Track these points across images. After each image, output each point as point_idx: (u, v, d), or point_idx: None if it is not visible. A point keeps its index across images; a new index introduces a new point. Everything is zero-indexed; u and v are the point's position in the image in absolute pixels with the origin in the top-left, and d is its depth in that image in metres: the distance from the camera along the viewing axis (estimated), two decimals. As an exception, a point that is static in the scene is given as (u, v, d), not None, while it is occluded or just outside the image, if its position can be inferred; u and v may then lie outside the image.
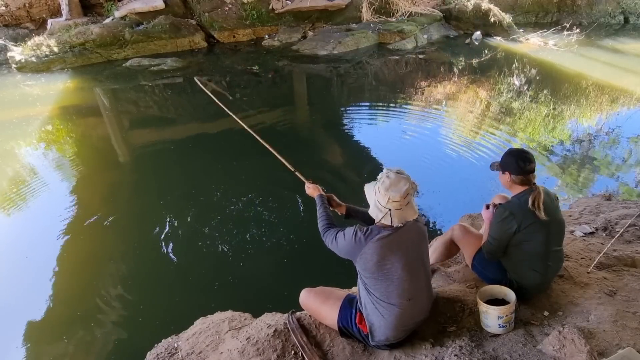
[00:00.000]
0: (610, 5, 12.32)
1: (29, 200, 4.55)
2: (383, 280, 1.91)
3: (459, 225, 2.56)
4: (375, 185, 1.93)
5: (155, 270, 3.61)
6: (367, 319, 1.99)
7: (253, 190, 4.69)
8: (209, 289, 3.33)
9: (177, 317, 2.96)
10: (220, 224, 4.15)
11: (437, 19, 11.53)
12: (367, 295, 1.97)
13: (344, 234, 1.98)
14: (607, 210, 3.51)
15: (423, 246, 2.03)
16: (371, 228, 1.93)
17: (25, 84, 8.44)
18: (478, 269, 2.42)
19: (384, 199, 1.87)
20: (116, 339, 2.99)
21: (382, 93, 8.11)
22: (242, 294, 3.29)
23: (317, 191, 2.47)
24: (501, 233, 2.19)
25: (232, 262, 3.59)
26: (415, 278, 1.96)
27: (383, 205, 1.88)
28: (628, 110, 6.78)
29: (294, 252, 3.63)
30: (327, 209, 2.32)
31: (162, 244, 3.88)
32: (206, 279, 3.46)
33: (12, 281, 3.51)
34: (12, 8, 10.63)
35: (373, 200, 1.93)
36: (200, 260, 3.66)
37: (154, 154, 5.60)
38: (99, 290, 3.37)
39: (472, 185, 4.62)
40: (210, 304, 3.00)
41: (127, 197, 4.66)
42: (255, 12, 10.99)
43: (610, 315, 2.09)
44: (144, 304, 3.25)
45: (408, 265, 1.92)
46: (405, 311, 1.94)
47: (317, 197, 2.42)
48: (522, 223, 2.13)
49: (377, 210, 1.91)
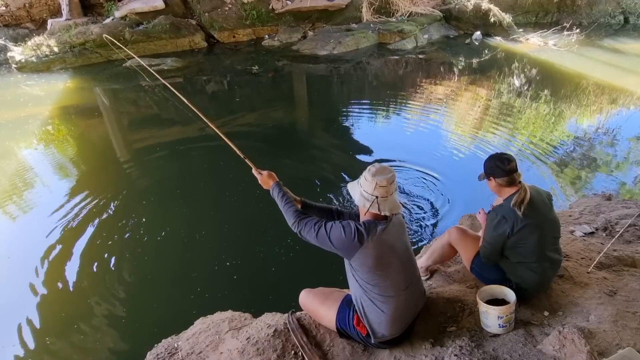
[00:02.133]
0: (610, 5, 12.32)
1: (29, 200, 4.55)
2: (381, 273, 1.91)
3: (455, 228, 2.55)
4: (361, 176, 1.97)
5: (155, 270, 3.61)
6: (366, 317, 1.98)
7: (253, 190, 4.68)
8: (209, 289, 3.33)
9: (177, 317, 2.96)
10: (221, 223, 4.15)
11: (437, 19, 11.53)
12: (363, 293, 1.96)
13: (342, 230, 1.89)
14: (607, 210, 3.51)
15: (406, 234, 2.10)
16: (367, 223, 1.91)
17: (25, 84, 8.44)
18: (477, 272, 2.42)
19: (371, 185, 1.89)
20: (116, 338, 2.99)
21: (382, 93, 8.11)
22: (242, 294, 3.29)
23: (272, 179, 2.29)
24: (495, 237, 2.20)
25: (232, 262, 3.59)
26: (408, 266, 2.03)
27: (370, 193, 1.90)
28: (628, 110, 6.78)
29: (294, 252, 3.63)
30: (290, 198, 2.17)
31: (162, 244, 3.88)
32: (206, 279, 3.46)
33: (12, 281, 3.51)
34: (12, 8, 10.63)
35: (358, 192, 1.95)
36: (200, 260, 3.66)
37: (154, 154, 5.60)
38: (99, 290, 3.37)
39: (472, 185, 4.62)
40: (210, 304, 3.00)
41: (126, 196, 4.66)
42: (255, 12, 10.99)
43: (610, 315, 2.09)
44: (144, 303, 3.25)
45: (402, 255, 1.98)
46: (404, 300, 1.97)
47: (274, 185, 2.25)
48: (515, 226, 2.13)
49: (364, 200, 1.92)
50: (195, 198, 4.55)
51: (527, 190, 2.16)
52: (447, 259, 2.75)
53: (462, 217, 3.56)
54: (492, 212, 2.22)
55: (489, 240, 2.23)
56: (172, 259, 3.70)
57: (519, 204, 2.13)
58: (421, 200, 4.32)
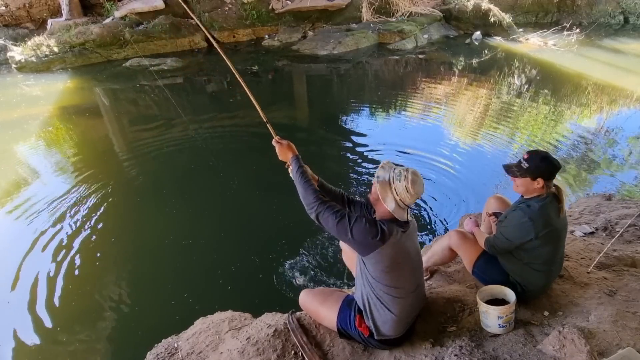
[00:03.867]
0: (610, 5, 12.32)
1: (28, 200, 4.55)
2: (393, 275, 1.90)
3: (456, 231, 2.52)
4: (396, 181, 1.86)
5: (155, 270, 3.61)
6: (371, 315, 1.97)
7: (254, 190, 4.69)
8: (209, 289, 3.33)
9: (177, 317, 2.96)
10: (221, 223, 4.15)
11: (437, 19, 11.54)
12: (371, 291, 1.95)
13: (366, 226, 1.82)
14: (607, 210, 3.51)
15: (417, 238, 2.10)
16: (387, 224, 1.88)
17: (25, 84, 8.44)
18: (479, 275, 2.40)
19: (411, 197, 1.84)
20: (116, 338, 2.99)
21: (382, 93, 8.11)
22: (242, 294, 3.29)
23: (292, 151, 2.09)
24: (516, 237, 2.14)
25: (232, 262, 3.59)
26: (418, 269, 2.04)
27: (407, 203, 1.87)
28: (628, 110, 6.78)
29: (294, 252, 3.63)
30: (309, 176, 2.01)
31: (162, 244, 3.88)
32: (206, 279, 3.46)
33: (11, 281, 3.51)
34: (12, 8, 10.63)
35: (392, 199, 1.86)
36: (200, 260, 3.66)
37: (154, 154, 5.60)
38: (99, 290, 3.37)
39: (472, 185, 4.62)
40: (210, 304, 3.00)
41: (126, 196, 4.66)
42: (255, 12, 11.00)
43: (610, 315, 2.09)
44: (144, 303, 3.25)
45: (414, 258, 1.98)
46: (410, 303, 1.98)
47: (294, 159, 2.06)
48: (540, 231, 2.08)
49: (399, 209, 1.87)
50: (195, 198, 4.55)
51: (564, 200, 2.13)
52: (447, 262, 2.74)
53: (462, 217, 3.56)
54: (519, 211, 2.14)
55: (508, 237, 2.16)
56: (172, 259, 3.69)
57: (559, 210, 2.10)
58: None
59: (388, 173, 1.89)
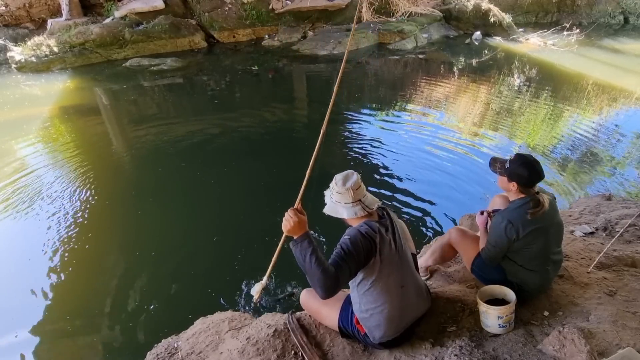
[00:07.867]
0: (610, 5, 12.32)
1: (28, 200, 4.55)
2: (374, 275, 1.89)
3: (456, 228, 2.54)
4: (331, 196, 1.95)
5: (155, 270, 3.61)
6: (366, 319, 1.97)
7: (254, 190, 4.69)
8: (209, 289, 3.33)
9: (177, 317, 2.96)
10: (221, 223, 4.15)
11: (437, 19, 11.54)
12: (360, 295, 1.95)
13: (359, 242, 1.79)
14: (607, 210, 3.51)
15: (403, 236, 2.06)
16: (370, 226, 1.88)
17: (25, 84, 8.44)
18: (477, 273, 2.41)
19: (348, 194, 1.89)
20: (116, 339, 2.99)
21: (381, 93, 8.12)
22: (242, 294, 3.28)
23: (302, 228, 1.82)
24: (500, 241, 2.17)
25: (232, 261, 3.59)
26: (403, 267, 1.98)
27: (352, 202, 1.90)
28: (628, 110, 6.78)
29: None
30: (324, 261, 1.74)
31: (161, 244, 3.88)
32: (206, 278, 3.46)
33: (11, 281, 3.51)
34: (12, 8, 10.63)
35: (342, 208, 1.91)
36: (200, 260, 3.65)
37: (154, 154, 5.60)
38: (99, 290, 3.37)
39: (473, 185, 4.62)
40: (210, 304, 3.00)
41: (125, 195, 4.66)
42: (255, 12, 11.00)
43: (610, 315, 2.09)
44: (144, 304, 3.24)
45: (395, 254, 1.94)
46: (399, 302, 1.94)
47: (304, 238, 1.79)
48: (521, 231, 2.11)
49: (352, 210, 1.90)
50: (196, 198, 4.55)
51: (545, 205, 2.10)
52: (447, 260, 2.75)
53: (462, 216, 3.56)
54: (498, 216, 2.18)
55: (494, 244, 2.20)
56: (172, 259, 3.69)
57: (531, 214, 2.09)
58: (422, 200, 4.32)
59: (326, 195, 2.00)
